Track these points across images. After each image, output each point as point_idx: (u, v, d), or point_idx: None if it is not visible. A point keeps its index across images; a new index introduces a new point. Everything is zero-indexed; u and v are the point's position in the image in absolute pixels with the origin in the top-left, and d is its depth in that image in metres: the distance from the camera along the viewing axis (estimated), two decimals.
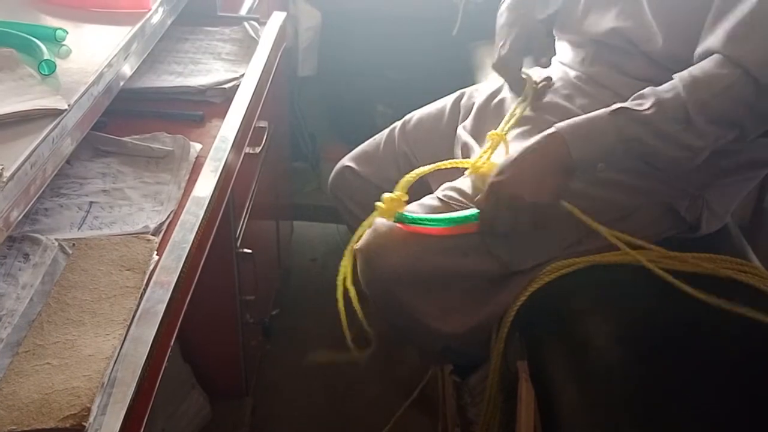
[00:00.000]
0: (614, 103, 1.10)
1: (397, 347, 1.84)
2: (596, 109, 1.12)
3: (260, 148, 1.46)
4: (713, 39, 1.08)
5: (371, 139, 1.60)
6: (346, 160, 1.59)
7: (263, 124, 1.48)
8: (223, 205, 1.05)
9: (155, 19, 1.10)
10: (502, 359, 1.24)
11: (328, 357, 1.57)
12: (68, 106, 0.84)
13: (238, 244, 1.38)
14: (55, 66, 0.91)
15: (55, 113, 0.82)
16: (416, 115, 1.55)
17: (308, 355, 1.81)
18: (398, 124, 1.56)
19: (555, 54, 1.41)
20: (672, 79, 1.10)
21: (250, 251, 1.40)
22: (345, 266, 1.29)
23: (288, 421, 1.73)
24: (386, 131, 1.58)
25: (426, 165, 1.30)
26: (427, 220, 1.20)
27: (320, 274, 2.16)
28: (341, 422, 1.75)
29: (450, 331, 1.27)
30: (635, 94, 1.11)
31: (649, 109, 1.08)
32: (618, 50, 1.25)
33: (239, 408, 1.60)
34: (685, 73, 1.08)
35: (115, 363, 0.73)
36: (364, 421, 1.75)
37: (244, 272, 1.42)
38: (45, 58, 0.91)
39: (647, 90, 1.10)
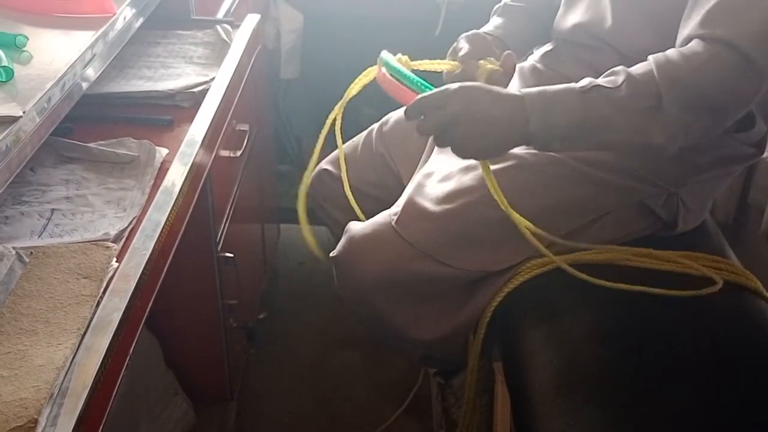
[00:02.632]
0: None
1: (384, 350, 1.83)
2: None
3: (241, 151, 1.45)
4: (691, 25, 1.03)
5: (349, 142, 1.58)
6: (324, 164, 1.58)
7: (244, 127, 1.47)
8: (191, 208, 1.04)
9: (120, 23, 1.09)
10: (480, 360, 1.23)
11: None
12: (23, 112, 0.83)
13: (219, 248, 1.37)
14: (13, 72, 0.90)
15: (9, 120, 0.81)
16: (393, 116, 1.54)
17: None
18: (376, 126, 1.55)
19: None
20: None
21: (231, 255, 1.39)
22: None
23: (273, 427, 1.72)
24: (364, 133, 1.56)
25: (402, 167, 1.29)
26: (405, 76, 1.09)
27: (308, 278, 2.15)
28: (328, 427, 1.74)
29: (427, 338, 1.26)
30: (608, 71, 1.04)
31: (620, 86, 1.01)
32: (587, 47, 1.24)
33: (223, 413, 1.59)
34: (659, 54, 1.02)
35: (66, 373, 0.72)
36: (352, 426, 1.73)
37: (225, 276, 1.41)
38: (3, 64, 0.90)
39: (619, 67, 1.03)
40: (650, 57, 1.03)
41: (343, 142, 1.61)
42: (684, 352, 1.03)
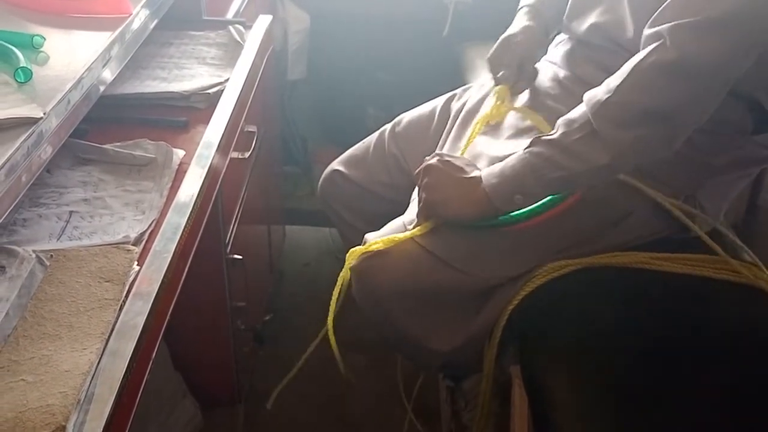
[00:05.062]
0: None
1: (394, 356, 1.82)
2: None
3: (249, 153, 1.44)
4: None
5: (361, 143, 1.58)
6: (336, 164, 1.57)
7: (252, 128, 1.47)
8: (208, 211, 1.04)
9: (136, 24, 1.09)
10: (496, 365, 1.23)
11: None
12: (44, 114, 0.82)
13: (228, 250, 1.37)
14: (32, 73, 0.89)
15: (30, 122, 0.81)
16: (406, 117, 1.53)
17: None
18: (388, 126, 1.54)
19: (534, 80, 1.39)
20: None
21: (240, 257, 1.39)
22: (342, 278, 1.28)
23: (281, 429, 1.71)
24: (376, 134, 1.55)
25: (416, 168, 1.27)
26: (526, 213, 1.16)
27: (313, 279, 2.14)
28: (336, 430, 1.73)
29: (445, 348, 1.25)
30: None
31: (557, 130, 1.09)
32: (602, 48, 1.23)
33: (231, 416, 1.59)
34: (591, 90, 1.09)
35: (92, 378, 0.71)
36: (360, 429, 1.73)
37: (234, 278, 1.41)
38: (21, 65, 0.89)
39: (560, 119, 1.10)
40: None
41: (345, 150, 1.61)
42: (704, 357, 1.02)
